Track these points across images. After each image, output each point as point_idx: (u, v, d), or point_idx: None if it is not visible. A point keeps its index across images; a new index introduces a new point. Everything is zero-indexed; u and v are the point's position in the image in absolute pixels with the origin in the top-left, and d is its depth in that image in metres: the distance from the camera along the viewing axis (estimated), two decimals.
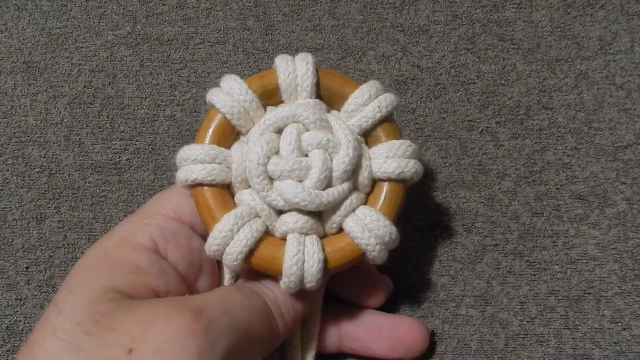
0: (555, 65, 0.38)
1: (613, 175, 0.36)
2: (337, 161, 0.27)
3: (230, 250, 0.26)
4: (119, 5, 0.38)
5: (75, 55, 0.37)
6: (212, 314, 0.24)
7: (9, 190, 0.36)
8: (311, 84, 0.28)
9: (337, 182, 0.27)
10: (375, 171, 0.28)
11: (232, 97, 0.28)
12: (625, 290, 0.35)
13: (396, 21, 0.38)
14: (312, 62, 0.28)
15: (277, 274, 0.27)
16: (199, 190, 0.27)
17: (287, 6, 0.38)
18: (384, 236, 0.27)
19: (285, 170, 0.27)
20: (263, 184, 0.27)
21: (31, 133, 0.37)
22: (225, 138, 0.28)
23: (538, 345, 0.34)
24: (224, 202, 0.27)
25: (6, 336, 0.34)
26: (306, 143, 0.27)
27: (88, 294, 0.25)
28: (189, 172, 0.27)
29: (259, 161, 0.27)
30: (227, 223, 0.26)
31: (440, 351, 0.34)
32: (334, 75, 0.29)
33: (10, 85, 0.37)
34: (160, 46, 0.38)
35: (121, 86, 0.37)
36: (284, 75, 0.28)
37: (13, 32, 0.38)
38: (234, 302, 0.26)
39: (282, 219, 0.27)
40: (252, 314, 0.26)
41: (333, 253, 0.27)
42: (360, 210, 0.28)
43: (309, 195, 0.26)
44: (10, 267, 0.35)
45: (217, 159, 0.27)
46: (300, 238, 0.27)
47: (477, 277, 0.35)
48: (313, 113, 0.27)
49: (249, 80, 0.28)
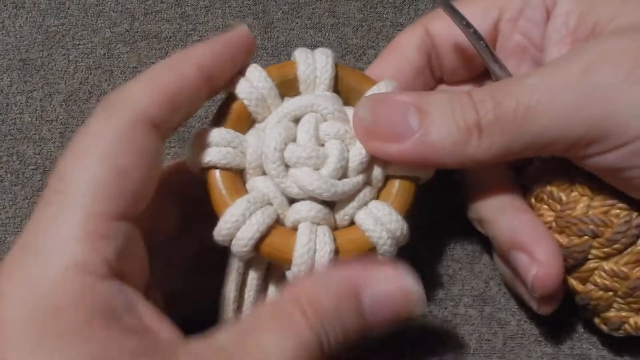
0: None
1: None
2: (353, 153, 0.27)
3: (241, 235, 0.26)
4: (116, 3, 0.38)
5: (72, 52, 0.37)
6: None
7: (3, 188, 0.35)
8: (330, 77, 0.28)
9: (352, 174, 0.28)
10: (388, 168, 0.28)
11: (251, 83, 0.28)
12: None
13: (396, 20, 0.38)
14: (331, 56, 0.28)
15: (286, 263, 0.27)
16: (212, 173, 0.27)
17: (287, 4, 0.38)
18: (396, 231, 0.27)
19: (302, 158, 0.27)
20: (279, 170, 0.27)
21: (26, 130, 0.36)
22: (241, 124, 0.28)
23: (536, 345, 0.34)
24: (237, 188, 0.27)
25: None
26: (324, 133, 0.27)
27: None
28: (205, 154, 0.27)
29: (277, 147, 0.27)
30: (239, 208, 0.26)
31: (439, 351, 0.34)
32: (352, 71, 0.29)
33: (6, 83, 0.37)
34: (158, 43, 0.37)
35: (118, 83, 0.37)
36: (304, 66, 0.28)
37: (10, 30, 0.38)
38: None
39: (294, 207, 0.27)
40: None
41: (344, 245, 0.27)
42: (373, 204, 0.28)
43: (324, 183, 0.27)
44: None
45: (233, 143, 0.27)
46: (312, 227, 0.27)
47: (475, 277, 0.35)
48: (332, 104, 0.28)
49: (268, 70, 0.28)
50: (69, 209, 0.22)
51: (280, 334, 0.23)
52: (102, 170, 0.23)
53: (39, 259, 0.22)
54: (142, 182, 0.24)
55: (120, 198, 0.23)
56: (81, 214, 0.22)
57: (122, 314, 0.22)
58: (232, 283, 0.28)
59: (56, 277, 0.21)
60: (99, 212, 0.23)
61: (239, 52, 0.28)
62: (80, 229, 0.22)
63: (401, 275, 0.25)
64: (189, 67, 0.26)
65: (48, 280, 0.21)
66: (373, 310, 0.24)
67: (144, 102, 0.24)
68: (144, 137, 0.24)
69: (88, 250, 0.22)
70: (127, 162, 0.23)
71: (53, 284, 0.21)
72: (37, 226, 0.23)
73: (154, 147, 0.25)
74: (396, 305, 0.25)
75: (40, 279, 0.22)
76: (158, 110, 0.25)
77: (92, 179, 0.23)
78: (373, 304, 0.24)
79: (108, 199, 0.23)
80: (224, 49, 0.27)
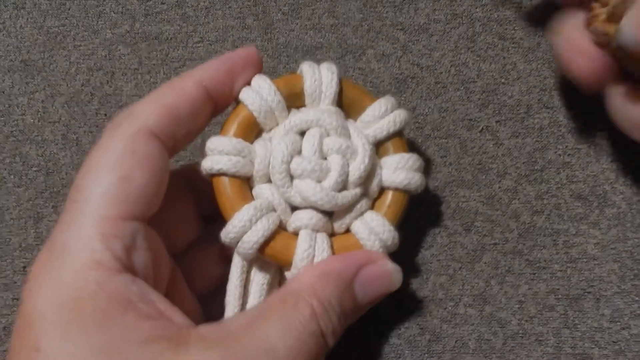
0: (555, 64, 0.38)
1: (613, 176, 0.36)
2: (353, 167, 0.29)
3: (247, 239, 0.28)
4: (117, 4, 0.38)
5: (73, 53, 0.37)
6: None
7: (6, 190, 0.36)
8: (334, 92, 0.30)
9: (351, 187, 0.29)
10: (384, 180, 0.30)
11: (260, 96, 0.29)
12: (625, 290, 0.35)
13: (396, 19, 0.38)
14: (336, 72, 0.30)
15: (286, 265, 0.29)
16: (221, 179, 0.29)
17: (287, 5, 0.38)
18: (387, 240, 0.29)
19: (307, 170, 0.29)
20: (284, 180, 0.29)
21: (28, 132, 0.36)
22: (249, 133, 0.30)
23: (537, 345, 0.34)
24: (243, 194, 0.29)
25: (3, 336, 0.34)
26: (327, 147, 0.29)
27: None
28: (215, 162, 0.29)
29: (283, 159, 0.29)
30: (246, 213, 0.28)
31: (438, 350, 0.34)
32: (354, 87, 0.31)
33: (7, 84, 0.37)
34: (159, 44, 0.37)
35: (119, 85, 0.37)
36: (310, 81, 0.30)
37: (11, 31, 0.38)
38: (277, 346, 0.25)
39: (296, 214, 0.29)
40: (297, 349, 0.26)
41: (340, 250, 0.29)
42: (368, 215, 0.30)
43: (326, 195, 0.29)
44: (8, 266, 0.35)
45: (242, 153, 0.29)
46: (312, 234, 0.29)
47: (475, 276, 0.35)
48: (336, 120, 0.30)
49: (276, 82, 0.30)
50: (84, 214, 0.26)
51: (285, 323, 0.25)
52: (109, 178, 0.26)
53: (62, 259, 0.25)
54: (146, 186, 0.27)
55: (126, 201, 0.26)
56: (93, 217, 0.26)
57: (137, 302, 0.25)
58: (236, 280, 0.30)
59: (77, 274, 0.25)
60: (108, 215, 0.26)
61: (241, 67, 0.30)
62: (94, 230, 0.25)
63: (382, 258, 0.29)
64: (188, 83, 0.29)
65: (70, 276, 0.25)
66: (364, 291, 0.28)
67: (145, 116, 0.27)
68: (145, 146, 0.27)
69: (102, 249, 0.25)
70: (130, 169, 0.26)
71: (74, 280, 0.25)
72: (59, 230, 0.26)
73: (155, 154, 0.27)
74: (381, 284, 0.29)
75: (64, 276, 0.25)
76: (158, 122, 0.28)
77: (101, 187, 0.26)
78: (363, 285, 0.28)
79: (115, 203, 0.26)
80: (224, 65, 0.29)
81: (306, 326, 0.26)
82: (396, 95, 0.37)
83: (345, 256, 0.29)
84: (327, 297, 0.27)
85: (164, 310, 0.26)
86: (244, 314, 0.27)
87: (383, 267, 0.29)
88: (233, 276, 0.30)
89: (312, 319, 0.26)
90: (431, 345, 0.34)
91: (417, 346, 0.34)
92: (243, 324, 0.25)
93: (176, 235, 0.31)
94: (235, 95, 0.30)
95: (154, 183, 0.27)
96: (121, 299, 0.25)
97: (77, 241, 0.25)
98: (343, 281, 0.28)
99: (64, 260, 0.25)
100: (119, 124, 0.28)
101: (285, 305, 0.26)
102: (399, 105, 0.31)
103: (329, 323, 0.27)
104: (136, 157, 0.27)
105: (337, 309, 0.27)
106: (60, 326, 0.24)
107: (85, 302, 0.24)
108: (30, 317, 0.24)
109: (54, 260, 0.25)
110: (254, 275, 0.30)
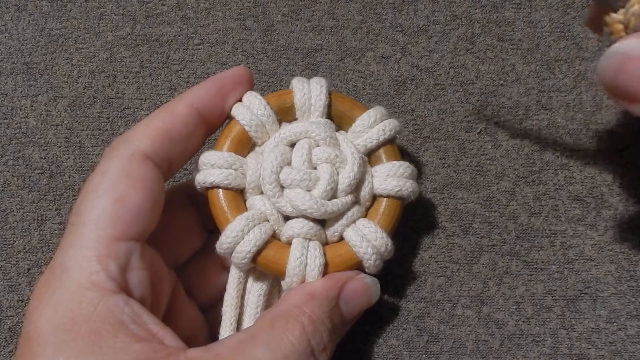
0: (554, 65, 0.38)
1: (610, 177, 0.36)
2: (342, 175, 0.30)
3: (240, 249, 0.29)
4: (118, 6, 0.38)
5: (75, 56, 0.38)
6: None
7: (10, 192, 0.36)
8: (323, 104, 0.31)
9: (342, 195, 0.30)
10: (376, 188, 0.31)
11: (251, 111, 0.30)
12: (621, 291, 0.35)
13: (395, 21, 0.38)
14: (325, 85, 0.31)
15: (279, 274, 0.29)
16: (215, 192, 0.30)
17: (287, 6, 0.38)
18: (380, 247, 0.30)
19: (296, 180, 0.29)
20: (275, 190, 0.29)
21: (32, 134, 0.37)
22: (242, 147, 0.30)
23: (534, 345, 0.35)
24: (237, 205, 0.30)
25: (8, 337, 0.35)
26: (316, 157, 0.30)
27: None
28: (208, 175, 0.29)
29: (273, 170, 0.29)
30: (239, 224, 0.29)
31: (436, 351, 0.35)
32: (344, 99, 0.32)
33: (10, 87, 0.37)
34: (159, 47, 0.38)
35: (121, 87, 0.37)
36: (300, 95, 0.31)
37: (13, 33, 0.38)
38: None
39: (289, 224, 0.30)
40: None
41: (333, 259, 0.30)
42: (361, 222, 0.30)
43: (315, 203, 0.29)
44: (12, 268, 0.35)
45: (234, 166, 0.30)
46: (305, 243, 0.29)
47: (473, 277, 0.35)
48: (324, 130, 0.30)
49: (267, 98, 0.31)
50: (81, 236, 0.27)
51: (274, 344, 0.26)
52: (105, 201, 0.27)
53: (61, 280, 0.26)
54: (140, 206, 0.28)
55: (121, 222, 0.27)
56: (90, 238, 0.26)
57: (128, 323, 0.25)
58: (233, 291, 0.31)
59: (73, 294, 0.26)
60: (104, 236, 0.27)
61: (231, 87, 0.30)
62: (91, 251, 0.26)
63: (360, 273, 0.30)
64: (180, 105, 0.30)
65: (67, 297, 0.26)
66: (347, 307, 0.29)
67: (139, 140, 0.28)
68: (139, 169, 0.28)
69: (98, 270, 0.26)
70: (125, 191, 0.27)
71: (71, 300, 0.26)
72: (59, 252, 0.27)
73: (149, 176, 0.28)
74: (363, 298, 0.30)
75: (62, 296, 0.26)
76: (152, 144, 0.28)
77: (98, 210, 0.27)
78: (348, 302, 0.29)
79: (110, 224, 0.27)
80: (214, 86, 0.30)
81: (296, 345, 0.26)
82: (395, 97, 0.37)
83: (327, 277, 0.29)
84: (317, 314, 0.28)
85: (156, 332, 0.26)
86: (234, 337, 0.27)
87: (363, 280, 0.30)
88: (230, 287, 0.31)
89: (302, 337, 0.27)
90: (429, 346, 0.35)
91: (415, 347, 0.35)
92: (232, 347, 0.26)
93: (179, 247, 0.32)
94: (227, 114, 0.31)
95: (149, 203, 0.28)
96: (113, 320, 0.25)
97: (74, 262, 0.26)
98: (330, 299, 0.29)
99: (62, 281, 0.26)
100: (115, 148, 0.29)
101: (274, 327, 0.27)
102: (390, 115, 0.32)
103: (320, 340, 0.27)
104: (130, 180, 0.27)
105: (328, 325, 0.28)
106: (56, 346, 0.25)
107: (79, 323, 0.25)
108: (30, 336, 0.25)
109: (53, 280, 0.26)
110: (251, 286, 0.31)
